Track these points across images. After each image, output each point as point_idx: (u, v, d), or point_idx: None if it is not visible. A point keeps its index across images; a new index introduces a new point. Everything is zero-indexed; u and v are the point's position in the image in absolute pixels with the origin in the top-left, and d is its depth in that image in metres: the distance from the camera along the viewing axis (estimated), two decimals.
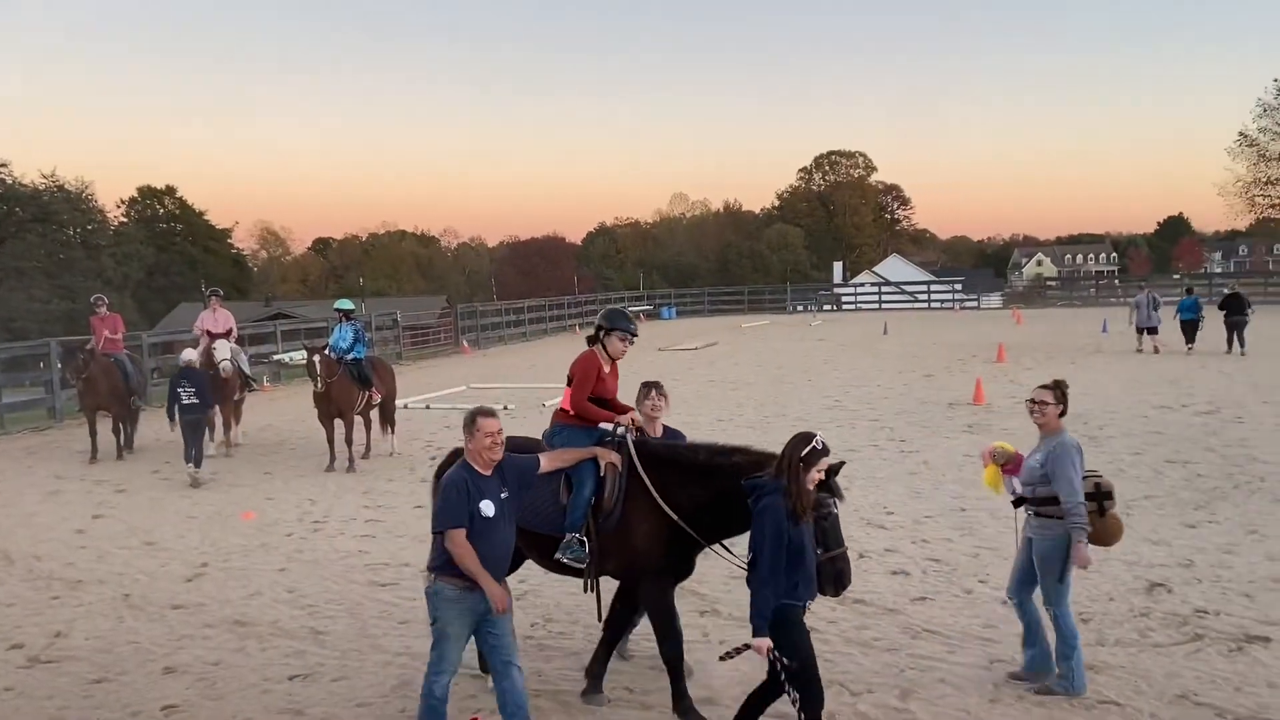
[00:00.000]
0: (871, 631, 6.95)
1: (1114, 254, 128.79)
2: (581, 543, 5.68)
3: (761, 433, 15.30)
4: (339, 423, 13.73)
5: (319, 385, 13.33)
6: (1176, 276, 59.52)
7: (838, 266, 73.65)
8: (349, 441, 13.69)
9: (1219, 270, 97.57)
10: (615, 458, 5.78)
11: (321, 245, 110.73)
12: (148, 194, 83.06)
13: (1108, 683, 5.95)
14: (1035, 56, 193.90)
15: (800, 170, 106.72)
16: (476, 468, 5.20)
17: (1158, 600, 7.42)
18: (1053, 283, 75.10)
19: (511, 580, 8.30)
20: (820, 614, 7.26)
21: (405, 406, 18.57)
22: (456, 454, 6.08)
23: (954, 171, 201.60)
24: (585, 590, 5.91)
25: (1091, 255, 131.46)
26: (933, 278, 70.58)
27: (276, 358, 26.22)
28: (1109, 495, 5.89)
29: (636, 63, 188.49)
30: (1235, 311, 24.43)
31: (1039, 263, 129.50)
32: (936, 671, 6.26)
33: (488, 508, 5.11)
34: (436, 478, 6.06)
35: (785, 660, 4.80)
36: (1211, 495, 10.52)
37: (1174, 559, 8.38)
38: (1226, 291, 26.93)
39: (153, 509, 11.70)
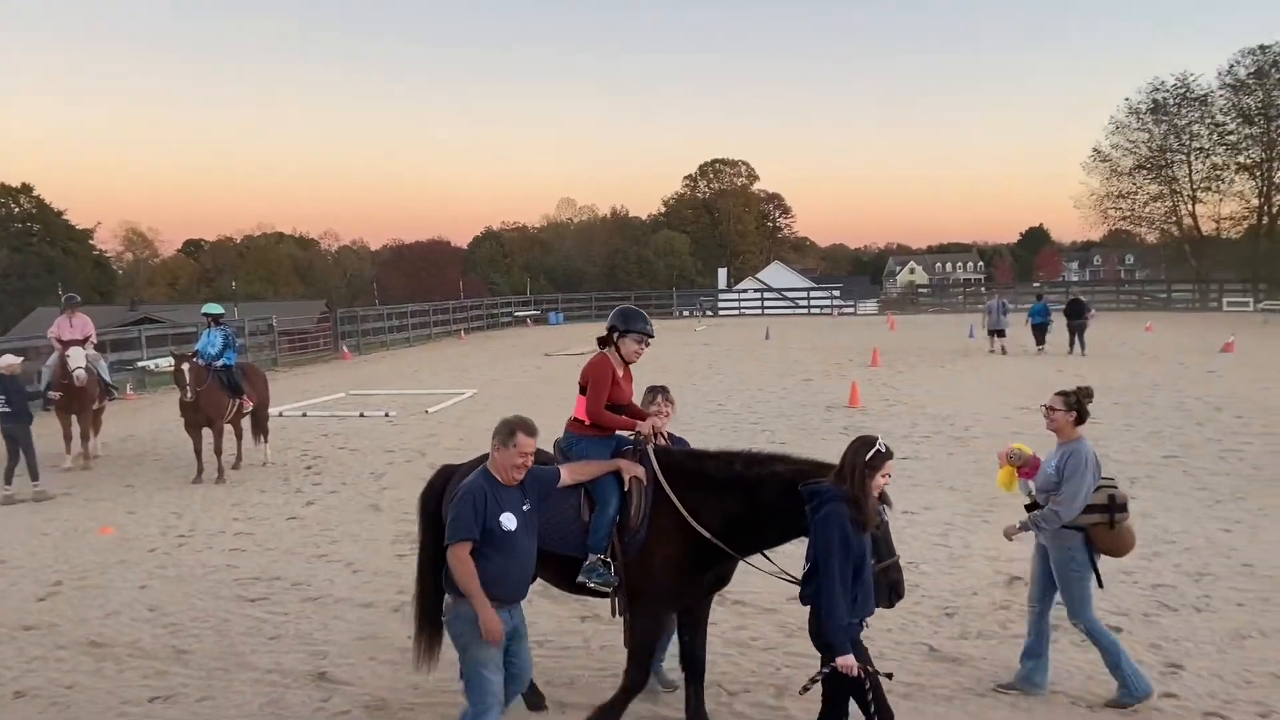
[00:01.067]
0: (749, 631, 7.07)
1: (980, 262, 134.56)
2: (606, 564, 5.27)
3: None
4: (207, 432, 13.20)
5: (187, 394, 12.79)
6: (1036, 285, 62.62)
7: (722, 273, 74.88)
8: (218, 451, 13.17)
9: (1075, 278, 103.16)
10: (640, 470, 5.37)
11: (193, 247, 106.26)
12: (1, 192, 78.12)
13: (970, 674, 6.21)
14: (906, 72, 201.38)
15: (685, 178, 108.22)
16: (498, 478, 4.84)
17: (1017, 593, 7.76)
18: (924, 289, 78.04)
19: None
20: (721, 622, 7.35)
21: (280, 414, 18.00)
22: (445, 471, 5.69)
23: (832, 182, 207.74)
24: (614, 614, 5.49)
25: (960, 263, 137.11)
26: (813, 284, 72.36)
27: (141, 364, 25.03)
28: (1123, 508, 5.85)
29: (523, 62, 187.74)
30: (1076, 315, 26.91)
31: (911, 270, 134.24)
32: (811, 669, 6.38)
33: (509, 521, 4.76)
34: (424, 499, 5.64)
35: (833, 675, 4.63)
36: None
37: (1029, 552, 8.76)
38: (1069, 298, 29.71)
39: (1, 525, 11.00)
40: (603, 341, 5.87)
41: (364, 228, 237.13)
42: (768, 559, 5.46)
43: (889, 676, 4.89)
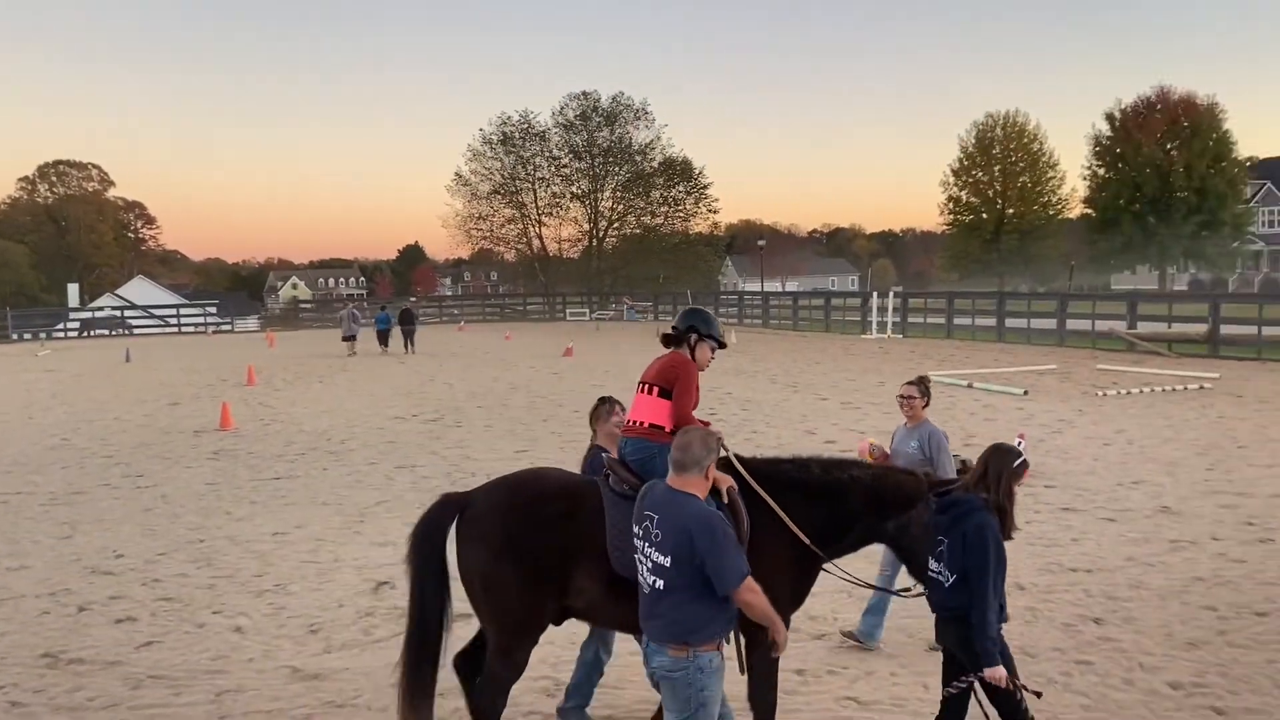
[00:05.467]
0: (86, 692, 6.26)
1: (362, 278, 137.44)
2: None
3: None
4: None
5: None
6: (413, 299, 65.92)
7: (73, 289, 66.29)
8: None
9: (449, 293, 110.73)
10: (730, 480, 4.70)
11: None
12: None
13: (329, 687, 6.24)
14: (287, 91, 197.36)
15: (20, 180, 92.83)
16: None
17: (383, 598, 8.05)
18: (307, 305, 77.12)
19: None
20: (24, 684, 6.35)
21: None
22: (453, 502, 4.93)
23: (204, 193, 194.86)
24: (729, 641, 4.41)
25: (343, 279, 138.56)
26: (184, 301, 67.38)
27: None
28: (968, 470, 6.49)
29: None
30: (407, 322, 34.33)
31: (294, 286, 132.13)
32: (160, 719, 5.91)
33: None
34: (425, 534, 4.92)
35: (1019, 686, 4.44)
36: (433, 493, 11.64)
37: (397, 557, 9.13)
38: (402, 308, 37.18)
39: None
40: (672, 340, 5.23)
41: None
42: (836, 571, 5.18)
43: (1038, 695, 4.72)
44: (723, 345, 5.42)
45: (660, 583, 3.98)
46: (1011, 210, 69.41)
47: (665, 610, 3.99)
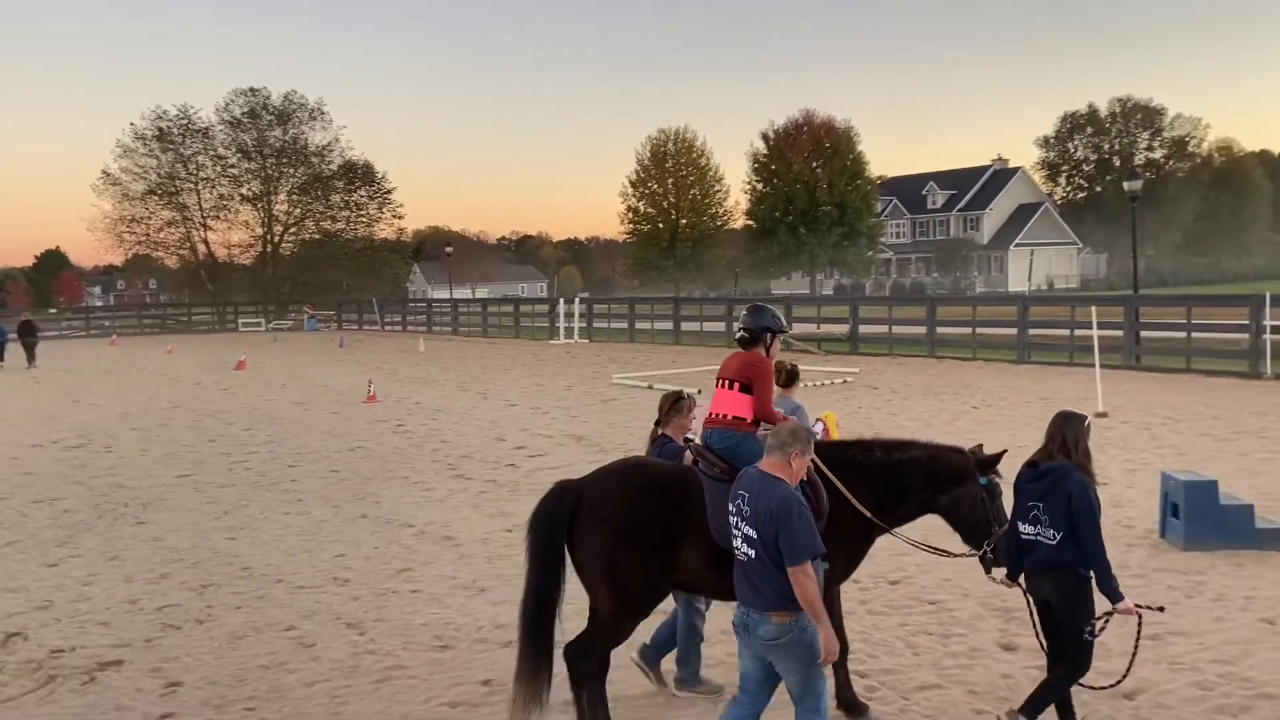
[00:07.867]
0: None
1: None
2: None
3: None
4: None
5: None
6: (54, 311, 58.64)
7: None
8: None
9: (100, 303, 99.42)
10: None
11: None
12: None
13: None
14: None
15: None
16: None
17: (13, 651, 7.03)
18: None
19: None
20: None
21: None
22: (570, 490, 5.19)
23: None
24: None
25: None
26: None
27: None
28: None
29: None
30: (27, 334, 32.45)
31: None
32: None
33: None
34: (550, 521, 5.12)
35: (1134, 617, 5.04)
36: (76, 529, 10.51)
37: (32, 603, 8.08)
38: (21, 319, 35.52)
39: None
40: (748, 342, 5.73)
41: None
42: (901, 536, 5.74)
43: (1161, 609, 5.40)
44: (786, 332, 6.04)
45: (752, 552, 4.50)
46: (684, 220, 73.76)
47: (760, 579, 4.48)
